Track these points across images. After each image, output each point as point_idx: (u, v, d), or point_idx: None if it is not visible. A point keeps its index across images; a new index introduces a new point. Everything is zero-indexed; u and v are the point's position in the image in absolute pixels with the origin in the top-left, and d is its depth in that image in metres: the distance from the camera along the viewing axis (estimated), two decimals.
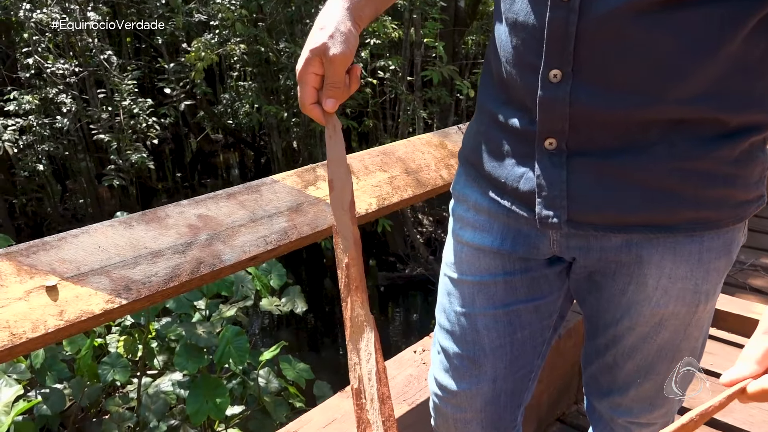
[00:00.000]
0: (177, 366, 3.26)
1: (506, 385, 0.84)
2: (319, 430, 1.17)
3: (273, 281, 3.96)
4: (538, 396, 1.45)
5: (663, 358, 0.78)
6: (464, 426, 0.86)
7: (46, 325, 0.77)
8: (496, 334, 0.81)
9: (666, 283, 0.71)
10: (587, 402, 0.92)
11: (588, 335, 0.86)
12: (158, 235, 0.91)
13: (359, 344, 0.71)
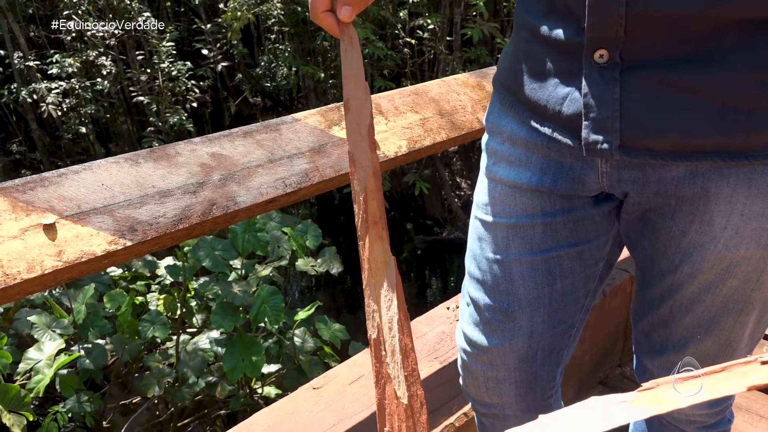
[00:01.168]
0: (213, 324, 3.28)
1: (543, 341, 0.75)
2: (345, 386, 1.11)
3: (309, 242, 3.93)
4: (579, 356, 1.35)
5: (729, 311, 0.66)
6: (496, 386, 0.77)
7: (43, 266, 0.71)
8: (533, 283, 0.72)
9: (737, 221, 0.60)
10: (637, 361, 0.82)
11: (640, 285, 0.75)
12: (167, 174, 0.84)
13: (378, 289, 0.62)
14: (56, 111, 6.00)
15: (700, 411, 0.77)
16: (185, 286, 3.43)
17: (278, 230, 3.85)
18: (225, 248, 3.48)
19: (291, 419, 1.03)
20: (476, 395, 0.80)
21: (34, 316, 3.10)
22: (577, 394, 1.41)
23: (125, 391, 3.88)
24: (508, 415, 0.80)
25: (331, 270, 4.03)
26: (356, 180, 0.63)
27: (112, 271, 3.70)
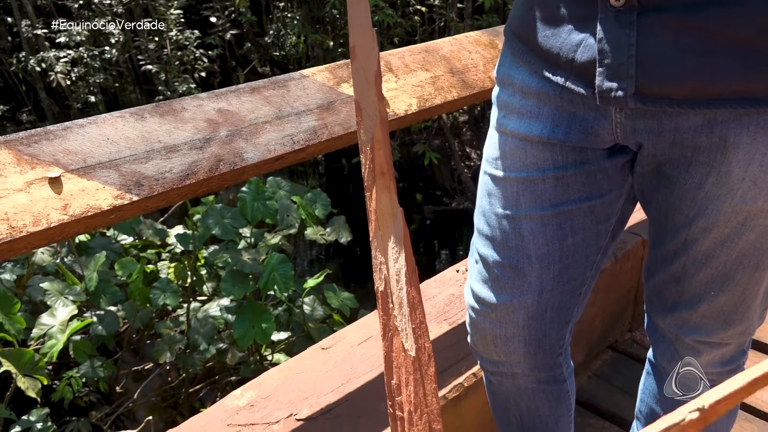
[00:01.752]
0: (223, 291, 3.30)
1: (553, 299, 0.73)
2: (353, 347, 1.11)
3: (318, 211, 3.93)
4: (589, 320, 1.35)
5: (745, 266, 0.64)
6: (504, 343, 0.76)
7: (49, 219, 0.70)
8: (544, 239, 0.69)
9: (756, 172, 0.58)
10: (648, 320, 0.80)
11: (653, 242, 0.73)
12: (173, 129, 0.82)
13: (386, 241, 0.61)
14: (65, 80, 5.97)
15: (711, 369, 0.75)
16: (195, 255, 3.45)
17: (287, 199, 3.84)
18: (234, 216, 3.48)
19: (300, 378, 1.03)
20: (484, 353, 0.79)
21: (47, 283, 3.13)
22: (586, 358, 1.40)
23: (137, 357, 3.93)
24: (517, 373, 0.79)
25: (340, 239, 4.03)
26: (363, 129, 0.61)
27: (123, 240, 3.72)
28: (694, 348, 0.73)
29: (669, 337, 0.76)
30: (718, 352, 0.73)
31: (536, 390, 0.81)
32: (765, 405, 1.30)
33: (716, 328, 0.70)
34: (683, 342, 0.74)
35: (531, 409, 0.83)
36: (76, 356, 3.12)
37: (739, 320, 0.69)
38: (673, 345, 0.76)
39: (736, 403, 0.29)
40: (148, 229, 3.88)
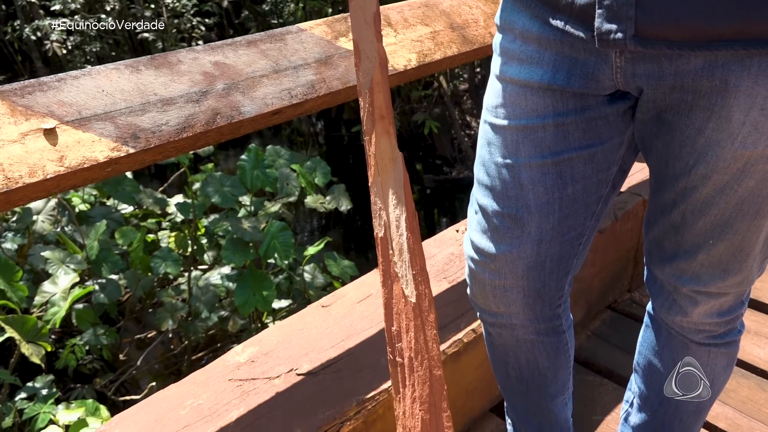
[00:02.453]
0: (224, 259, 3.30)
1: (552, 249, 0.72)
2: (353, 304, 1.11)
3: (318, 179, 3.91)
4: (589, 280, 1.35)
5: (744, 214, 0.64)
6: (503, 294, 0.76)
7: (45, 171, 0.70)
8: (543, 188, 0.69)
9: (757, 116, 0.57)
10: (647, 272, 0.80)
11: (653, 191, 0.73)
12: (169, 82, 0.81)
13: (386, 186, 0.61)
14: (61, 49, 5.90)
15: (709, 320, 0.75)
16: (195, 224, 3.45)
17: (287, 167, 3.83)
18: (234, 184, 3.47)
19: (300, 335, 1.04)
20: (484, 305, 0.80)
21: (48, 252, 3.14)
22: (585, 317, 1.41)
23: (140, 325, 3.96)
24: (516, 324, 0.79)
25: (340, 207, 4.03)
26: (361, 72, 0.60)
27: (123, 209, 3.72)
28: (691, 298, 0.73)
29: (667, 288, 0.76)
30: (716, 303, 0.73)
31: (535, 342, 0.81)
32: (761, 362, 1.31)
33: (714, 278, 0.70)
34: (681, 292, 0.74)
35: (530, 361, 0.83)
36: (79, 324, 3.14)
37: (738, 270, 0.69)
38: (671, 296, 0.76)
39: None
40: (148, 198, 3.87)
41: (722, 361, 0.80)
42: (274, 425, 0.87)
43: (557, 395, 0.87)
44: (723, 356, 0.79)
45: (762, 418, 1.18)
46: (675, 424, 0.85)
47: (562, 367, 0.85)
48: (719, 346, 0.78)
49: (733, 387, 1.25)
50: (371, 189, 0.62)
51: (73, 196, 3.62)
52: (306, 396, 0.92)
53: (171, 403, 0.91)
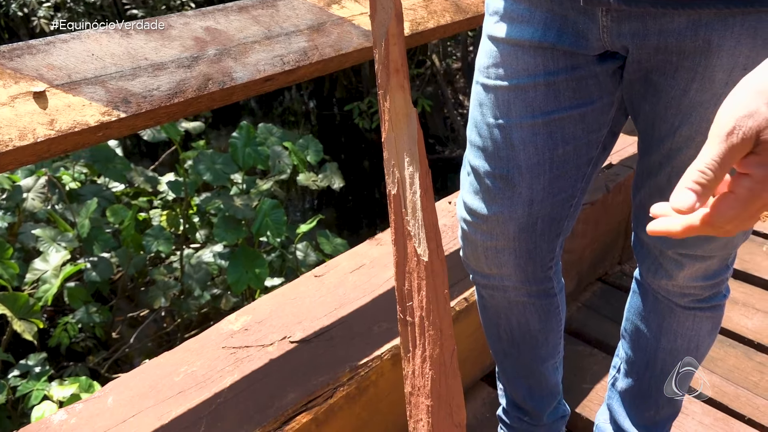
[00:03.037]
0: (216, 237, 3.29)
1: (543, 210, 0.73)
2: (346, 274, 1.11)
3: (310, 157, 3.90)
4: (580, 251, 1.36)
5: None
6: (495, 255, 0.76)
7: (35, 134, 0.69)
8: (534, 149, 0.69)
9: (739, 76, 0.57)
10: (634, 237, 0.81)
11: (641, 155, 0.73)
12: (160, 47, 0.81)
13: (399, 143, 0.60)
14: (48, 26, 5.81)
15: (694, 283, 0.76)
16: (187, 202, 3.43)
17: (279, 145, 3.81)
18: (225, 162, 3.45)
19: (293, 304, 1.04)
20: (476, 266, 0.80)
21: (39, 230, 3.12)
22: (576, 289, 1.42)
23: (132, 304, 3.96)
24: (507, 286, 0.80)
25: (333, 185, 4.02)
26: (376, 23, 0.59)
27: (114, 187, 3.70)
28: (677, 261, 0.74)
29: (654, 252, 0.76)
30: (701, 266, 0.74)
31: (527, 304, 0.82)
32: (748, 331, 1.33)
33: (699, 240, 0.71)
34: (667, 255, 0.74)
35: (521, 324, 0.84)
36: (71, 302, 3.14)
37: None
38: (657, 259, 0.76)
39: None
40: (139, 176, 3.85)
41: (707, 325, 0.81)
42: (268, 391, 0.88)
43: (548, 358, 0.88)
44: (708, 320, 0.80)
45: (748, 386, 1.20)
46: (661, 388, 0.87)
47: (553, 330, 0.86)
48: (704, 310, 0.79)
49: (721, 356, 1.27)
50: (384, 145, 0.62)
51: (63, 174, 3.59)
52: (299, 363, 0.92)
53: (165, 370, 0.92)
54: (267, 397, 0.87)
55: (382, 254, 1.17)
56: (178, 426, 0.82)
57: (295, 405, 0.85)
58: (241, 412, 0.84)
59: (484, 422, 1.13)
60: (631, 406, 0.91)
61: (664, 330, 0.83)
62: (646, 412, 0.90)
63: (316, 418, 0.86)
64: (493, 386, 1.20)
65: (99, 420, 0.83)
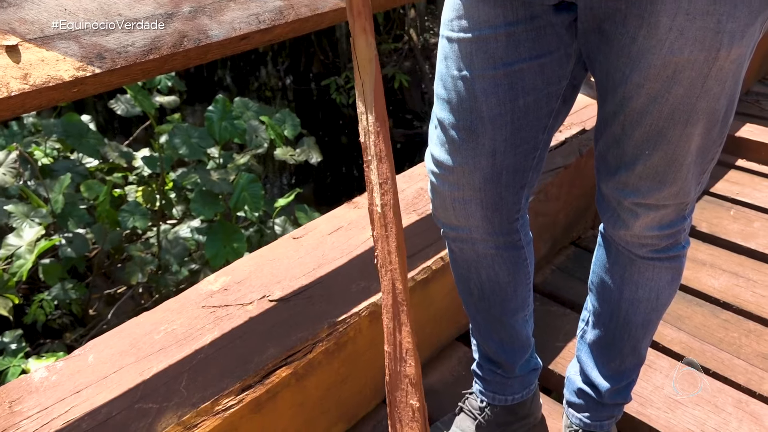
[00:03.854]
0: (193, 211, 3.28)
1: (507, 161, 0.75)
2: (324, 236, 1.13)
3: (287, 131, 3.88)
4: (554, 214, 1.39)
5: (675, 121, 0.67)
6: (462, 206, 0.79)
7: (9, 88, 0.69)
8: (496, 100, 0.71)
9: (682, 21, 0.59)
10: (597, 192, 0.83)
11: (599, 107, 0.76)
12: (134, 3, 0.80)
13: (366, 88, 0.61)
14: None
15: (649, 233, 0.78)
16: (163, 177, 3.40)
17: (255, 119, 3.78)
18: (201, 136, 3.42)
19: (272, 265, 1.05)
20: (445, 218, 0.82)
21: (11, 206, 3.07)
22: (550, 252, 1.45)
23: (108, 281, 3.93)
24: (476, 238, 0.82)
25: (311, 160, 4.01)
26: None
27: (88, 163, 3.65)
28: (632, 211, 0.76)
29: (612, 203, 0.79)
30: (656, 215, 0.76)
31: (495, 256, 0.84)
32: (715, 291, 1.38)
33: (652, 189, 0.73)
34: (624, 205, 0.77)
35: (490, 276, 0.87)
36: (46, 279, 3.11)
37: (673, 180, 0.72)
38: (616, 210, 0.79)
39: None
40: (114, 151, 3.80)
41: (666, 275, 0.84)
42: (248, 347, 0.89)
43: (517, 311, 0.91)
44: (667, 271, 0.83)
45: (713, 342, 1.24)
46: (625, 337, 0.90)
47: (521, 283, 0.89)
48: (663, 260, 0.82)
49: (688, 314, 1.31)
50: (356, 89, 0.63)
51: (35, 150, 3.53)
52: (279, 320, 0.94)
53: (145, 328, 0.93)
54: (247, 352, 0.88)
55: (359, 216, 1.18)
56: (159, 381, 0.83)
57: (275, 360, 0.87)
58: (221, 367, 0.86)
59: (460, 379, 1.16)
60: (598, 356, 0.94)
61: (626, 281, 0.85)
62: (612, 362, 0.93)
63: (296, 372, 0.88)
64: (468, 345, 1.23)
65: (80, 377, 0.84)
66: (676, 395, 1.12)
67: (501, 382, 0.99)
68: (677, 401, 1.11)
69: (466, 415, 1.02)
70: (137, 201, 3.47)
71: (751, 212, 1.66)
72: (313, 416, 0.95)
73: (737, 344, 1.24)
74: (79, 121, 3.52)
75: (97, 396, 0.81)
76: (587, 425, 0.97)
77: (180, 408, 0.79)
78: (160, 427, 0.77)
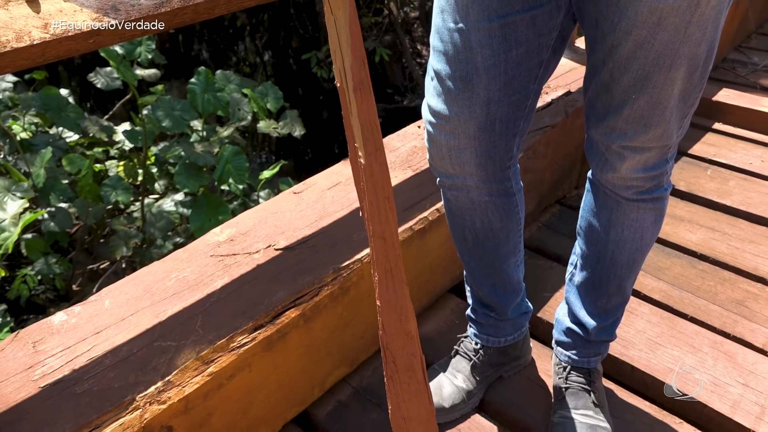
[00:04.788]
0: (178, 184, 3.27)
1: (500, 110, 0.80)
2: (324, 191, 1.17)
3: (270, 104, 3.88)
4: (541, 172, 1.45)
5: (660, 66, 0.72)
6: (458, 154, 0.83)
7: (31, 37, 0.71)
8: (490, 51, 0.75)
9: None
10: (587, 139, 0.88)
11: (588, 55, 0.81)
12: None
13: (340, 25, 0.61)
14: None
15: (635, 174, 0.84)
16: (145, 152, 3.39)
17: (237, 92, 3.77)
18: (184, 108, 3.41)
19: (275, 217, 1.09)
20: (441, 167, 0.87)
21: None
22: (537, 209, 1.51)
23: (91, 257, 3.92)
24: (470, 185, 0.87)
25: (294, 132, 4.02)
26: None
27: (68, 137, 3.62)
28: (620, 154, 0.82)
29: (601, 147, 0.84)
30: (641, 158, 0.81)
31: (488, 203, 0.89)
32: (692, 244, 1.45)
33: (638, 132, 0.78)
34: (611, 149, 0.82)
35: (484, 223, 0.92)
36: (29, 254, 3.10)
37: (657, 122, 0.77)
38: (604, 155, 0.85)
39: None
40: (94, 125, 3.77)
41: (650, 216, 0.90)
42: (258, 291, 0.94)
43: (509, 256, 0.97)
44: (651, 211, 0.89)
45: (691, 290, 1.32)
46: (611, 276, 0.96)
47: (513, 229, 0.94)
48: (647, 201, 0.88)
49: (668, 265, 1.39)
50: (329, 29, 0.61)
51: (13, 124, 3.49)
52: (285, 267, 0.98)
53: (157, 276, 0.96)
54: (257, 296, 0.93)
55: None
56: (175, 321, 0.87)
57: (284, 302, 0.92)
58: (233, 309, 0.90)
59: (453, 327, 1.22)
60: (586, 296, 1.01)
61: (612, 222, 0.91)
62: (599, 301, 0.99)
63: (303, 314, 0.93)
64: (462, 297, 1.29)
65: (98, 319, 0.88)
66: (656, 339, 1.19)
67: (494, 325, 1.05)
68: (657, 343, 1.18)
69: (461, 357, 1.08)
70: (119, 175, 3.46)
71: (726, 172, 1.74)
72: (319, 357, 1.00)
73: (713, 291, 1.31)
74: (57, 94, 3.48)
75: (117, 336, 0.85)
76: (575, 361, 1.04)
77: (197, 345, 0.84)
78: (180, 361, 0.81)
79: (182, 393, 0.79)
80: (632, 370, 1.14)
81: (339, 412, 1.06)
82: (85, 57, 5.91)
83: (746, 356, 1.16)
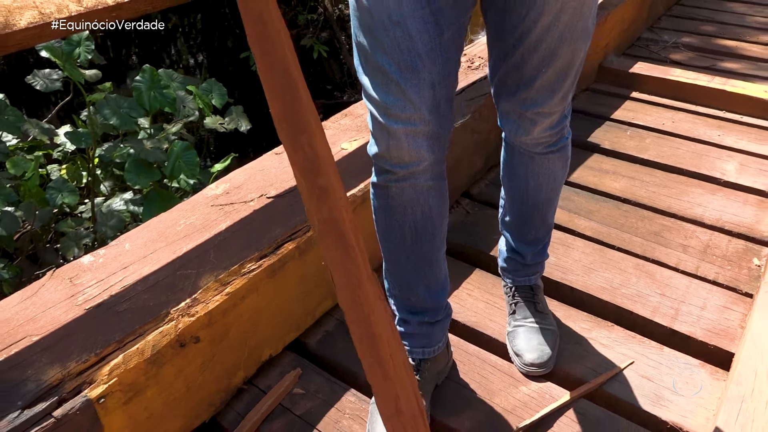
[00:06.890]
0: (128, 181, 3.30)
1: (442, 91, 0.85)
2: None
3: (215, 100, 3.96)
4: (486, 133, 1.64)
5: (563, 41, 0.85)
6: (414, 139, 0.85)
7: (69, 10, 0.85)
8: (428, 36, 0.80)
9: None
10: (498, 111, 0.99)
11: (493, 44, 0.91)
12: None
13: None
14: None
15: (544, 134, 0.98)
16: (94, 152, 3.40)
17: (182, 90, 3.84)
18: (131, 106, 3.46)
19: (263, 173, 1.24)
20: (397, 157, 0.87)
21: None
22: (484, 167, 1.72)
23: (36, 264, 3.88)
24: (419, 171, 0.89)
25: (240, 127, 4.11)
26: None
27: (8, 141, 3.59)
28: (532, 120, 0.96)
29: (514, 116, 0.98)
30: (549, 120, 0.97)
31: (431, 188, 0.93)
32: (616, 191, 1.69)
33: (547, 99, 0.92)
34: (525, 116, 0.96)
35: (425, 212, 0.95)
36: None
37: (561, 88, 0.91)
38: (517, 122, 0.98)
39: None
40: (34, 128, 3.75)
41: (559, 162, 1.06)
42: (258, 229, 1.09)
43: (441, 246, 1.01)
44: (559, 159, 1.06)
45: (617, 226, 1.55)
46: (534, 214, 1.14)
47: (444, 215, 0.99)
48: (554, 152, 1.04)
49: (597, 209, 1.62)
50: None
51: None
52: (279, 210, 1.14)
53: (166, 223, 1.10)
54: (258, 233, 1.08)
55: (333, 133, 1.39)
56: (191, 255, 1.01)
57: (282, 236, 1.07)
58: (240, 244, 1.05)
59: None
60: (516, 231, 1.18)
61: (529, 172, 1.07)
62: (528, 234, 1.17)
63: (299, 246, 1.08)
64: None
65: (123, 258, 1.01)
66: (590, 265, 1.41)
67: (427, 333, 1.05)
68: (591, 268, 1.40)
69: None
70: (63, 177, 3.46)
71: (643, 132, 2.00)
72: (311, 288, 1.16)
73: (635, 227, 1.55)
74: None
75: (143, 269, 0.98)
76: (518, 281, 1.23)
77: (214, 271, 0.98)
78: (201, 283, 0.96)
79: (206, 308, 0.94)
80: (572, 290, 1.36)
81: (327, 339, 1.22)
82: (10, 62, 5.78)
83: (663, 273, 1.39)
